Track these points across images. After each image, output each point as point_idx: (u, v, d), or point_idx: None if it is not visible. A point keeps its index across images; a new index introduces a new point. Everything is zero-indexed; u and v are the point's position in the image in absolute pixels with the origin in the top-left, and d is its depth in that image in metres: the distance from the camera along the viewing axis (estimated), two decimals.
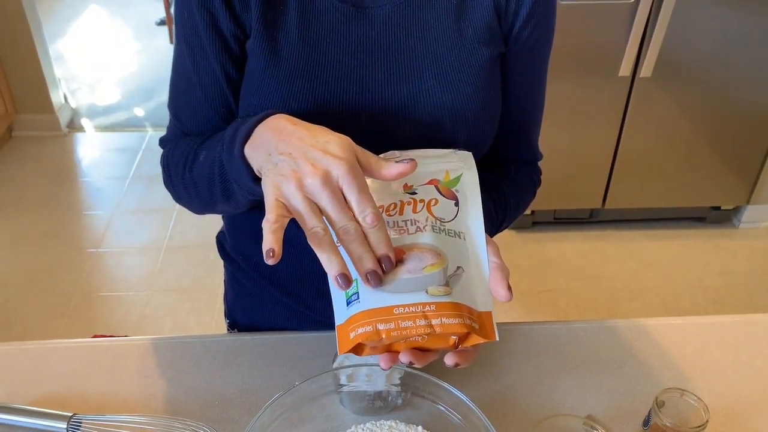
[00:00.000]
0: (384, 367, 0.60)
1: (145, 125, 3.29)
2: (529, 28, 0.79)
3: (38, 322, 2.20)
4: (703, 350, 0.90)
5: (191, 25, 0.76)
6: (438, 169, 0.67)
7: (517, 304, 2.30)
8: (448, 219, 0.64)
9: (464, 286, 0.60)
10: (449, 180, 0.66)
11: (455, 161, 0.69)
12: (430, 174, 0.67)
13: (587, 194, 2.50)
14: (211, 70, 0.78)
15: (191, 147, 0.80)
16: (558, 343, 0.90)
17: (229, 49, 0.77)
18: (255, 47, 0.76)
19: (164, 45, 4.07)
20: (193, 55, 0.78)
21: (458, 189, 0.66)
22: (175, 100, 0.84)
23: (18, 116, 3.08)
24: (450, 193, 0.66)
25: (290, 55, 0.76)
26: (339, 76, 0.77)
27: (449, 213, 0.65)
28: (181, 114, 0.84)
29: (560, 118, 2.26)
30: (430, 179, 0.67)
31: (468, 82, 0.78)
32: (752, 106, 2.29)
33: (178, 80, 0.82)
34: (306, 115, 0.75)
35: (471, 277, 0.61)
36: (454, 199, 0.65)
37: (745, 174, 2.46)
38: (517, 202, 0.88)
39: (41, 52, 2.97)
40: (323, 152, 0.59)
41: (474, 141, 0.80)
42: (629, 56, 2.12)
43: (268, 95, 0.76)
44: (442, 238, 0.62)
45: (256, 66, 0.77)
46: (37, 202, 2.74)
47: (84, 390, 0.82)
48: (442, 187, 0.66)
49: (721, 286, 2.39)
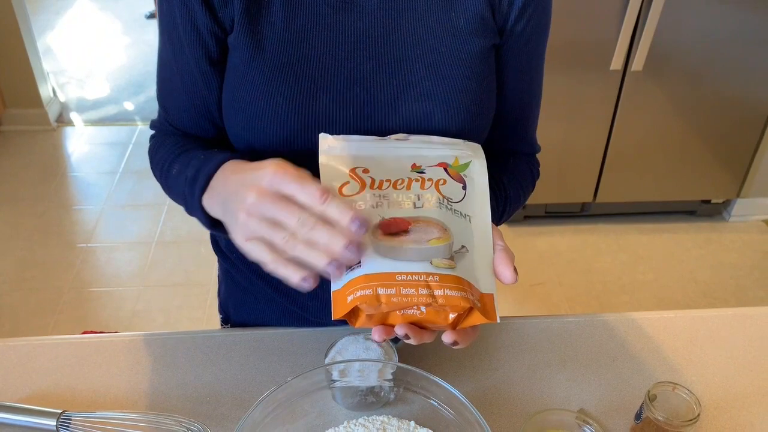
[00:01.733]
0: (377, 339, 0.59)
1: (135, 119, 3.27)
2: (524, 20, 0.78)
3: (28, 318, 2.19)
4: (695, 344, 0.90)
5: (171, 17, 0.76)
6: (447, 155, 0.68)
7: (508, 297, 2.30)
8: (456, 200, 0.64)
9: (468, 265, 0.60)
10: (458, 165, 0.67)
11: (465, 149, 0.69)
12: (439, 158, 0.67)
13: (578, 188, 2.50)
14: (187, 64, 0.78)
15: (168, 155, 0.80)
16: (550, 338, 0.90)
17: (205, 45, 0.76)
18: (238, 41, 0.75)
19: (154, 39, 4.04)
20: (173, 47, 0.78)
21: (466, 174, 0.66)
22: (159, 89, 0.84)
23: (6, 111, 3.05)
24: (459, 176, 0.66)
25: (275, 48, 0.75)
26: (326, 69, 0.75)
27: (457, 194, 0.65)
28: (165, 103, 0.84)
29: (551, 111, 2.26)
30: (439, 162, 0.67)
31: (459, 74, 0.77)
32: (743, 99, 2.30)
33: (161, 70, 0.82)
34: (291, 109, 0.74)
35: (475, 259, 0.61)
36: (462, 182, 0.66)
37: (736, 168, 2.47)
38: (516, 195, 0.88)
39: (29, 45, 2.94)
40: (253, 172, 0.60)
41: (466, 134, 0.79)
42: (620, 50, 2.12)
43: (252, 90, 0.75)
44: (448, 216, 0.62)
45: (239, 60, 0.76)
46: (26, 197, 2.72)
47: (74, 387, 0.82)
48: (451, 171, 0.66)
49: (712, 280, 2.41)
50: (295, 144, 0.76)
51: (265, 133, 0.76)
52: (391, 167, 0.65)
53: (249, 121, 0.76)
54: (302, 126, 0.75)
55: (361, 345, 0.79)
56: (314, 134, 0.75)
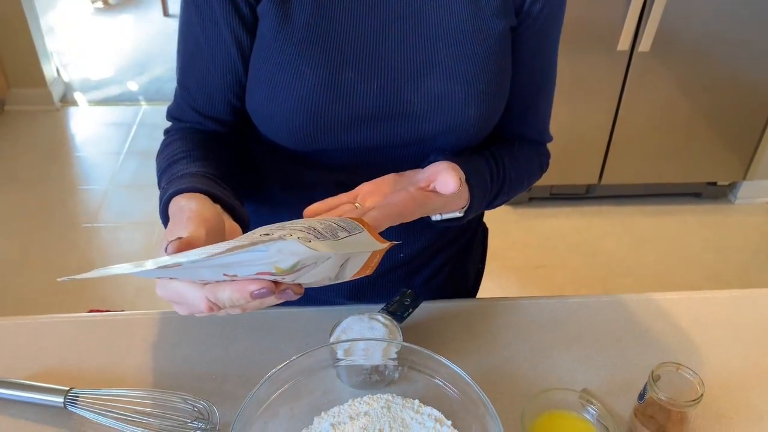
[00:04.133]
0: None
1: (139, 99, 3.26)
2: (540, 2, 0.79)
3: (34, 298, 2.20)
4: (699, 325, 0.90)
5: None
6: (266, 265, 0.53)
7: (513, 279, 2.30)
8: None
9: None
10: (284, 270, 0.53)
11: (275, 255, 0.52)
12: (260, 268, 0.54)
13: (584, 170, 2.49)
14: (219, 34, 0.77)
15: (165, 161, 0.78)
16: (554, 318, 0.90)
17: (239, 12, 0.76)
18: (267, 11, 0.75)
19: (158, 18, 4.02)
20: (202, 18, 0.77)
21: (300, 267, 0.53)
22: (181, 69, 0.83)
23: (10, 90, 3.05)
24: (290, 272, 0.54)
25: (303, 20, 0.75)
26: (352, 44, 0.76)
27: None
28: (188, 83, 0.83)
29: (557, 93, 2.23)
30: (257, 273, 0.54)
31: (481, 53, 0.78)
32: (750, 81, 2.28)
33: (185, 47, 0.81)
34: (316, 80, 0.75)
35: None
36: (303, 267, 0.54)
37: (742, 150, 2.46)
38: (518, 177, 0.88)
39: (33, 24, 2.93)
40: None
41: (483, 114, 0.80)
42: (628, 30, 2.11)
43: (279, 60, 0.76)
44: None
45: (267, 30, 0.76)
46: (30, 178, 2.72)
47: (80, 364, 0.82)
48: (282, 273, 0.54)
49: (717, 262, 2.40)
50: (318, 115, 0.76)
51: (288, 103, 0.76)
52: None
53: (274, 92, 0.76)
54: (326, 98, 0.76)
55: (365, 324, 0.79)
56: (337, 106, 0.76)
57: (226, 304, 0.55)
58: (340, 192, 0.88)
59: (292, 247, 0.50)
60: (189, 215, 0.60)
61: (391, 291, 0.95)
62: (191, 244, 0.56)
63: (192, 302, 0.56)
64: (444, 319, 0.90)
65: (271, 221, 0.59)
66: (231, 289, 0.54)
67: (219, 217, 0.64)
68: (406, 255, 0.94)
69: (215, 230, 0.61)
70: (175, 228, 0.58)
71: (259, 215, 0.94)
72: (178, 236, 0.56)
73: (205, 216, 0.61)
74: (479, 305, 0.93)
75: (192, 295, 0.55)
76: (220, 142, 0.84)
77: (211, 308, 0.55)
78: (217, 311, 0.56)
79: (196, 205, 0.63)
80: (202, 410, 0.74)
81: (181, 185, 0.68)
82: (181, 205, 0.63)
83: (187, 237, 0.56)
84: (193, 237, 0.57)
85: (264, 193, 0.92)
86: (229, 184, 0.75)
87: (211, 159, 0.78)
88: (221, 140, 0.84)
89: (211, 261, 0.50)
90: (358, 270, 0.60)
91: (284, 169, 0.88)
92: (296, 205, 0.90)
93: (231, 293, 0.54)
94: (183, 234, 0.57)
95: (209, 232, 0.60)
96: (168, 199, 0.67)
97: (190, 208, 0.62)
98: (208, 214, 0.62)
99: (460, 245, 1.01)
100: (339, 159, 0.83)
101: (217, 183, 0.72)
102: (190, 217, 0.60)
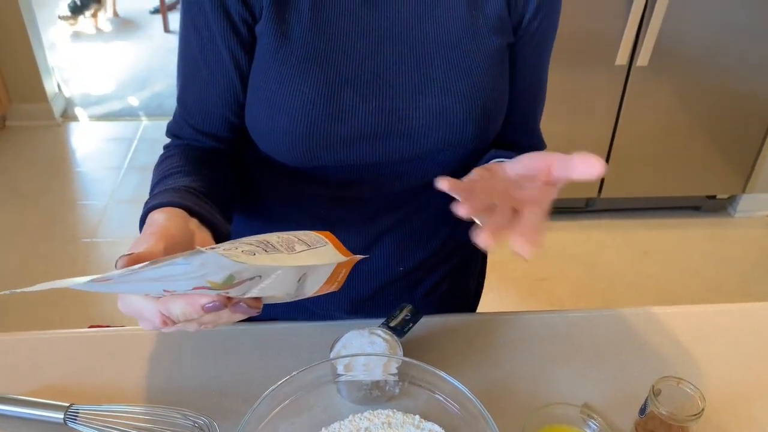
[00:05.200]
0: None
1: (139, 114, 3.27)
2: (538, 19, 0.80)
3: (34, 313, 2.20)
4: (700, 339, 0.90)
5: (198, 7, 0.76)
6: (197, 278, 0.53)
7: (512, 292, 2.30)
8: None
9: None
10: (217, 284, 0.53)
11: (201, 269, 0.51)
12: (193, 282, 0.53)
13: (583, 183, 2.47)
14: (217, 53, 0.78)
15: (158, 176, 0.78)
16: (554, 332, 0.90)
17: (237, 31, 0.76)
18: (266, 30, 0.76)
19: (158, 34, 4.04)
20: (200, 38, 0.77)
21: (234, 280, 0.53)
22: (180, 86, 0.83)
23: (11, 106, 3.06)
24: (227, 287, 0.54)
25: (302, 39, 0.76)
26: (351, 61, 0.77)
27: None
28: (186, 100, 0.83)
29: (557, 106, 2.26)
30: (194, 287, 0.54)
31: (479, 71, 0.78)
32: (748, 95, 2.29)
33: (184, 66, 0.82)
34: (315, 99, 0.75)
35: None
36: (245, 281, 0.54)
37: (741, 163, 2.46)
38: None
39: (35, 40, 2.94)
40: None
41: (481, 130, 0.80)
42: (626, 45, 2.12)
43: (278, 79, 0.76)
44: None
45: (266, 49, 0.76)
46: (31, 193, 2.73)
47: (81, 380, 0.82)
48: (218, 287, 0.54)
49: (717, 275, 2.40)
50: (316, 133, 0.77)
51: (286, 121, 0.76)
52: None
53: (272, 110, 0.77)
54: (325, 115, 0.76)
55: (366, 339, 0.79)
56: (336, 123, 0.76)
57: (180, 318, 0.55)
58: (339, 208, 0.89)
59: (217, 261, 0.49)
60: (153, 230, 0.61)
61: (391, 304, 0.95)
62: (142, 258, 0.55)
63: (148, 316, 0.56)
64: (444, 333, 0.89)
65: None
66: (183, 302, 0.54)
67: (187, 232, 0.64)
68: (405, 268, 0.94)
69: (180, 245, 0.61)
70: (137, 242, 0.59)
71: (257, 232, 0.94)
72: (131, 251, 0.56)
73: (169, 231, 0.61)
74: (479, 319, 0.93)
75: (147, 308, 0.56)
76: (217, 159, 0.84)
77: (165, 322, 0.55)
78: (171, 326, 0.56)
79: (164, 219, 0.63)
80: (203, 426, 0.74)
81: (160, 199, 0.68)
82: (153, 219, 0.64)
83: (140, 252, 0.56)
84: (148, 251, 0.57)
85: (262, 210, 0.92)
86: (217, 200, 0.75)
87: (203, 175, 0.78)
88: (218, 156, 0.84)
89: (137, 275, 0.50)
90: (321, 285, 0.60)
91: (283, 186, 0.88)
92: (295, 221, 0.91)
93: (183, 306, 0.54)
94: (140, 249, 0.57)
95: (170, 247, 0.59)
96: (146, 213, 0.67)
97: (158, 222, 0.63)
98: (173, 229, 0.62)
99: (460, 258, 1.01)
100: (338, 175, 0.84)
101: (199, 197, 0.72)
102: (153, 231, 0.60)
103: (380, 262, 0.92)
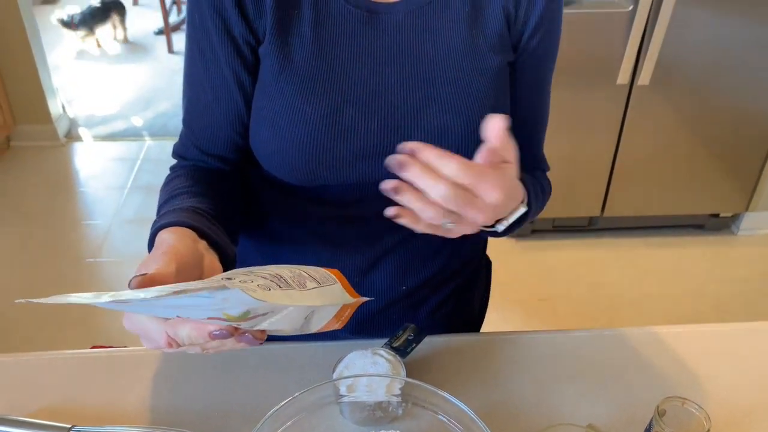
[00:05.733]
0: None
1: (143, 135, 3.29)
2: (537, 37, 0.81)
3: (37, 333, 2.20)
4: (705, 358, 0.90)
5: (203, 30, 0.76)
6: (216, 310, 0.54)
7: (517, 311, 2.29)
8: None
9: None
10: (232, 317, 0.53)
11: (222, 303, 0.52)
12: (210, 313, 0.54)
13: (586, 202, 2.50)
14: (222, 76, 0.78)
15: (164, 195, 0.79)
16: (558, 352, 0.90)
17: (241, 54, 0.77)
18: (269, 52, 0.77)
19: (162, 54, 4.08)
20: (205, 60, 0.78)
21: (251, 314, 0.54)
22: (186, 108, 0.84)
23: (16, 127, 3.08)
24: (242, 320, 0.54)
25: (304, 60, 0.76)
26: (352, 81, 0.77)
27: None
28: (192, 122, 0.84)
29: (559, 126, 2.26)
30: (209, 317, 0.55)
31: (479, 89, 0.79)
32: (750, 113, 2.29)
33: (189, 88, 0.82)
34: (318, 119, 0.76)
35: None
36: (257, 316, 0.54)
37: (744, 181, 2.46)
38: (544, 197, 0.88)
39: (39, 61, 2.97)
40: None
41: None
42: (627, 64, 2.13)
43: (282, 99, 0.77)
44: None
45: (269, 70, 0.77)
46: (35, 213, 2.74)
47: (83, 401, 0.82)
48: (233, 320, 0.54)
49: (721, 294, 2.39)
50: (319, 153, 0.77)
51: (290, 141, 0.77)
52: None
53: (275, 130, 0.77)
54: (328, 135, 0.77)
55: (368, 360, 0.79)
56: (339, 143, 0.77)
57: (185, 342, 0.55)
58: (343, 227, 0.89)
59: (239, 296, 0.50)
60: (164, 249, 0.61)
61: (394, 324, 0.95)
62: (155, 280, 0.56)
63: (153, 336, 0.56)
64: (448, 353, 0.89)
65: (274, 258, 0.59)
66: (190, 327, 0.54)
67: (196, 254, 0.64)
68: (408, 287, 0.94)
69: (190, 266, 0.62)
70: (147, 261, 0.59)
71: (262, 252, 0.94)
72: (144, 272, 0.57)
73: (180, 251, 0.61)
74: (483, 340, 0.92)
75: (154, 329, 0.56)
76: (223, 179, 0.84)
77: (170, 344, 0.56)
78: (176, 348, 0.56)
79: (174, 240, 0.63)
80: None
81: (169, 219, 0.68)
82: (163, 239, 0.64)
83: (152, 273, 0.57)
84: (161, 272, 0.57)
85: (267, 229, 0.92)
86: (224, 222, 0.75)
87: (209, 195, 0.78)
88: (224, 177, 0.85)
89: (160, 301, 0.51)
90: (326, 322, 0.60)
91: (286, 205, 0.88)
92: (299, 240, 0.91)
93: (190, 331, 0.54)
94: (151, 269, 0.57)
95: (181, 268, 0.60)
96: (155, 233, 0.67)
97: (168, 243, 0.63)
98: (183, 250, 0.62)
99: (464, 277, 1.01)
100: (342, 194, 0.84)
101: (207, 219, 0.72)
102: (164, 251, 0.60)
103: (383, 282, 0.92)
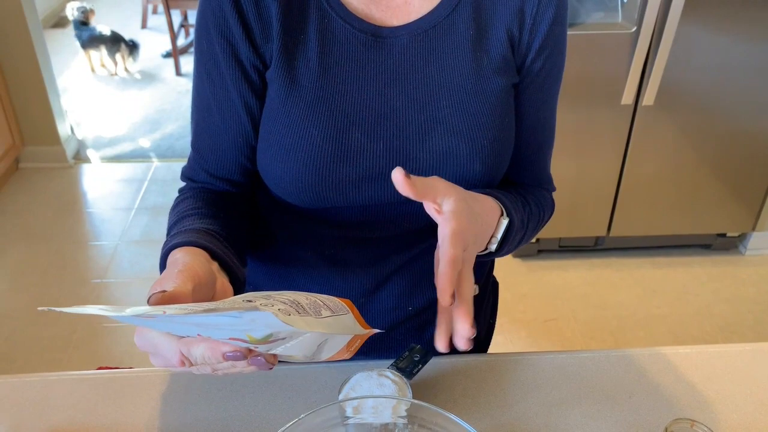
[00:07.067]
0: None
1: (150, 156, 3.31)
2: (541, 59, 0.81)
3: (42, 354, 2.20)
4: (713, 379, 0.89)
5: (211, 54, 0.78)
6: (240, 331, 0.54)
7: (522, 332, 2.28)
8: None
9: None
10: (256, 340, 0.54)
11: (248, 324, 0.52)
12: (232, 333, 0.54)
13: (592, 222, 2.49)
14: (229, 100, 0.79)
15: (174, 217, 0.79)
16: (565, 373, 0.89)
17: (248, 78, 0.78)
18: (275, 76, 0.78)
19: (170, 77, 4.12)
20: (213, 85, 0.79)
21: (271, 338, 0.54)
22: (194, 132, 0.85)
23: (25, 148, 3.10)
24: (267, 343, 0.55)
25: (310, 83, 0.77)
26: (358, 104, 0.78)
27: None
28: (200, 145, 0.85)
29: (564, 146, 2.27)
30: (230, 337, 0.55)
31: (484, 111, 0.79)
32: (755, 132, 2.30)
33: (197, 112, 0.83)
34: (324, 142, 0.77)
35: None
36: (277, 340, 0.55)
37: (751, 201, 2.46)
38: (539, 209, 0.88)
39: (49, 84, 3.00)
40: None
41: (489, 169, 0.81)
42: (631, 85, 2.14)
43: (289, 123, 0.78)
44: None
45: (275, 94, 0.78)
46: (42, 234, 2.75)
47: (88, 422, 0.82)
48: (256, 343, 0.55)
49: (729, 314, 2.38)
50: (326, 175, 0.78)
51: (296, 163, 0.78)
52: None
53: (282, 153, 0.78)
54: (334, 158, 0.77)
55: (374, 381, 0.79)
56: (345, 166, 0.78)
57: (198, 361, 0.55)
58: (350, 248, 0.89)
59: (267, 319, 0.50)
60: (180, 268, 0.61)
61: (400, 344, 0.95)
62: (174, 297, 0.56)
63: (165, 354, 0.56)
64: (454, 374, 0.89)
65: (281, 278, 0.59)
66: (205, 347, 0.54)
67: (211, 274, 0.64)
68: (415, 308, 0.94)
69: (205, 286, 0.62)
70: (164, 280, 0.59)
71: (270, 275, 0.95)
72: (162, 289, 0.57)
73: (196, 271, 0.61)
74: (489, 360, 0.92)
75: (167, 346, 0.56)
76: (231, 202, 0.85)
77: (183, 362, 0.56)
78: (188, 366, 0.56)
79: (190, 259, 0.64)
80: None
81: (182, 239, 0.69)
82: (177, 258, 0.64)
83: (171, 291, 0.57)
84: (178, 291, 0.57)
85: (275, 251, 0.93)
86: (234, 244, 0.76)
87: (219, 217, 0.79)
88: (232, 200, 0.85)
89: (186, 318, 0.51)
90: (336, 352, 0.60)
91: (294, 227, 0.89)
92: (307, 262, 0.91)
93: (204, 351, 0.54)
94: (169, 287, 0.57)
95: (197, 288, 0.60)
96: (167, 251, 0.68)
97: (183, 261, 0.63)
98: (199, 270, 0.62)
99: None
100: (348, 215, 0.84)
101: (219, 241, 0.73)
102: (181, 270, 0.61)
103: (390, 302, 0.92)
